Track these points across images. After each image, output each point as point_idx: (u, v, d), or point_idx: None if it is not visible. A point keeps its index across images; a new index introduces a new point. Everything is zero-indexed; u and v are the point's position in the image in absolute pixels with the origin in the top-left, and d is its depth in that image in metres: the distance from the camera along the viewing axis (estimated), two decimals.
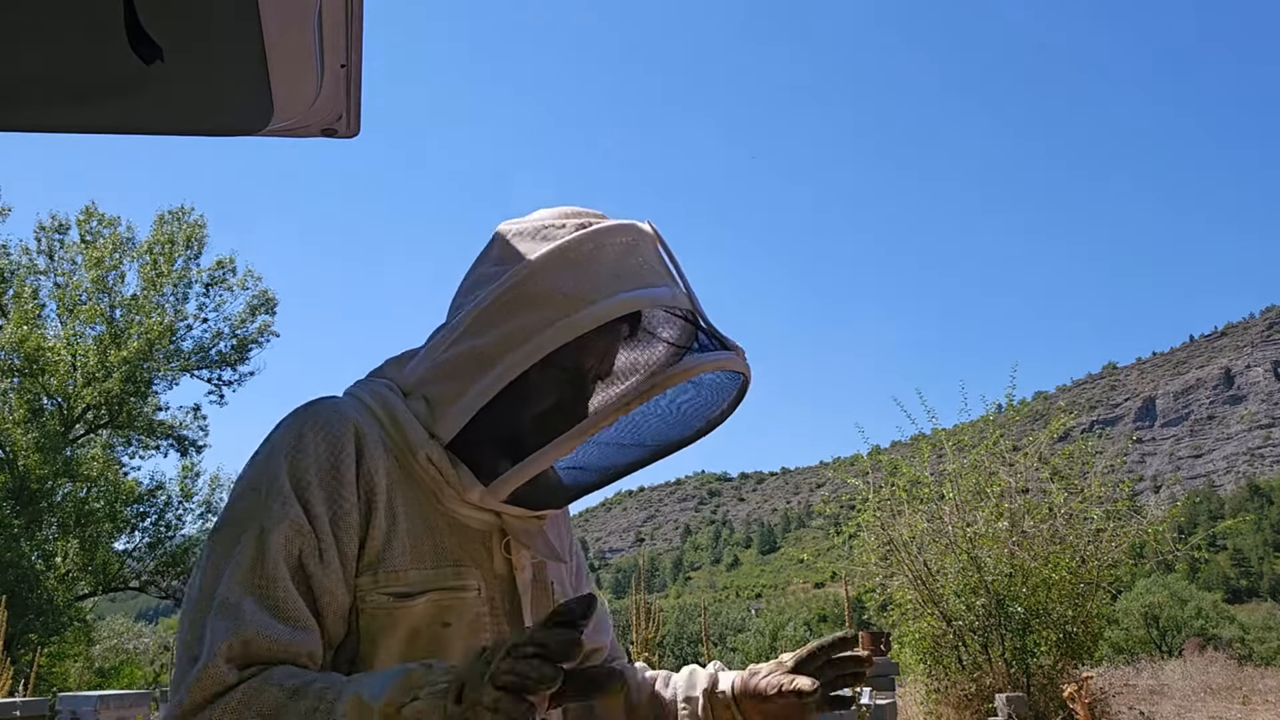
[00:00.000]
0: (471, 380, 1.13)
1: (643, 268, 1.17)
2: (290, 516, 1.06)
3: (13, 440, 21.38)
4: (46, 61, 1.15)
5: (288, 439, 1.12)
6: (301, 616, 1.03)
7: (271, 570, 1.03)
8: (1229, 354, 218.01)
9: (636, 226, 1.21)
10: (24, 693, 9.28)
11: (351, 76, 1.28)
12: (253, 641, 0.98)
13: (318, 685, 0.95)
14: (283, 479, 1.08)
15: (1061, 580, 9.42)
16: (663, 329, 1.26)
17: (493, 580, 1.19)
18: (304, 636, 1.02)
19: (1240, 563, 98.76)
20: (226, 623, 0.99)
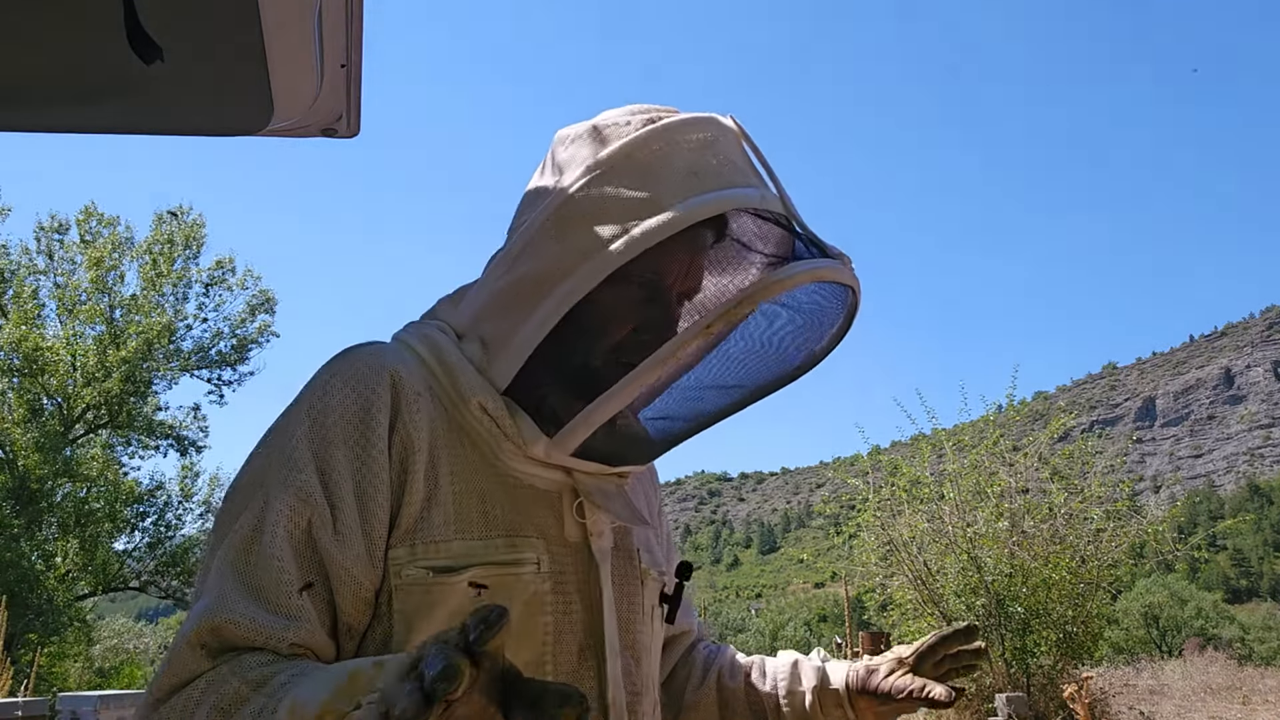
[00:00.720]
0: (528, 312, 0.97)
1: (724, 166, 0.99)
2: (298, 484, 0.92)
3: (13, 440, 21.39)
4: (46, 61, 1.15)
5: (314, 391, 0.98)
6: (291, 601, 0.89)
7: (267, 547, 0.90)
8: (1229, 354, 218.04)
9: (715, 120, 1.04)
10: (24, 693, 9.28)
11: (351, 76, 1.28)
12: (225, 627, 0.86)
13: (279, 679, 0.81)
14: (299, 438, 0.95)
15: (1061, 580, 9.42)
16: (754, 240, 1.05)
17: (562, 550, 1.01)
18: (294, 624, 0.88)
19: (1240, 563, 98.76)
20: (206, 603, 0.88)
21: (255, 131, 1.33)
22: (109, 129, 1.36)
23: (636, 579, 1.08)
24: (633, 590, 1.07)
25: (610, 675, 1.00)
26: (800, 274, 0.93)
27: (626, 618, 1.06)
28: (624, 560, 1.07)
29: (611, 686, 1.00)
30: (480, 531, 0.97)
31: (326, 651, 0.92)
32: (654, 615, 1.12)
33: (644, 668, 1.08)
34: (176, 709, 0.84)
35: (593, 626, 1.01)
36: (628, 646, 1.05)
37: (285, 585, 0.89)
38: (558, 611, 0.99)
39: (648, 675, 1.08)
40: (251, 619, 0.87)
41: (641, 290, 0.99)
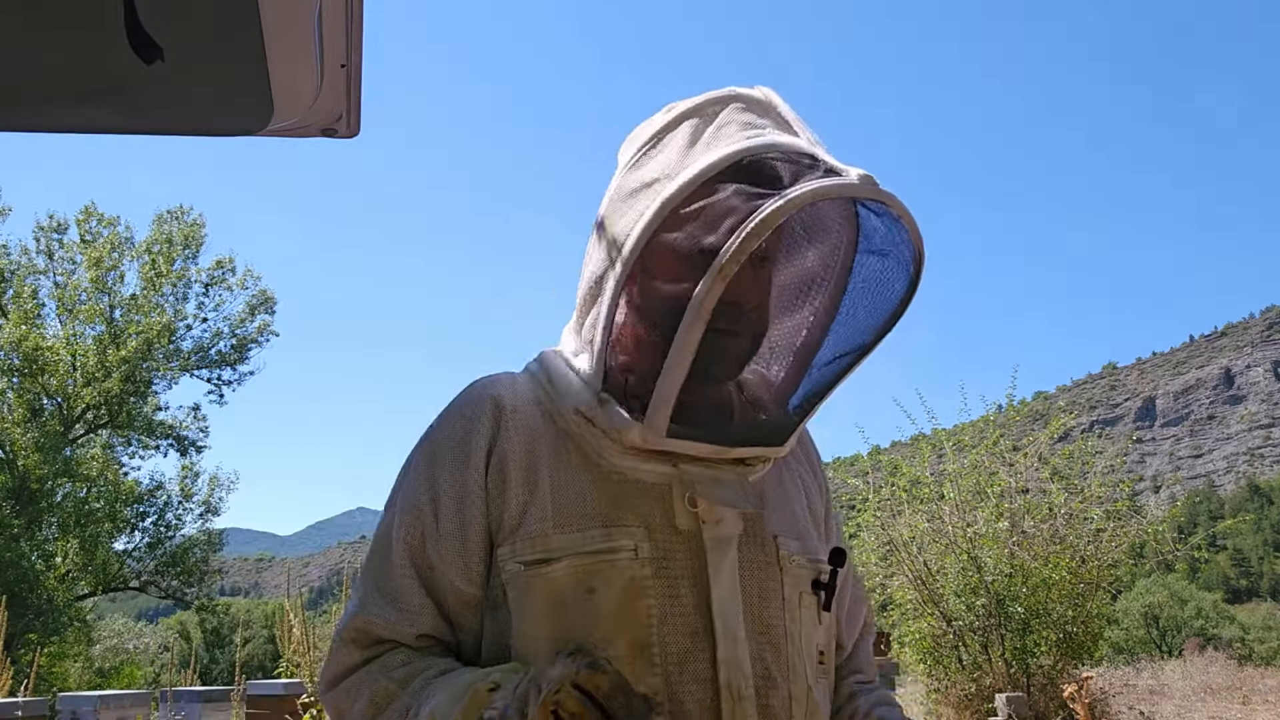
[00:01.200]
0: (593, 308, 1.05)
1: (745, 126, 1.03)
2: (413, 504, 1.09)
3: (13, 440, 21.37)
4: (46, 61, 1.15)
5: (432, 423, 1.14)
6: (413, 600, 1.06)
7: (393, 557, 1.08)
8: (1229, 354, 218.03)
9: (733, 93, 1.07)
10: (24, 693, 9.27)
11: (351, 76, 1.27)
12: (368, 625, 1.07)
13: (417, 682, 1.01)
14: (417, 465, 1.12)
15: (1061, 580, 9.41)
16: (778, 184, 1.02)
17: (670, 538, 1.04)
18: (415, 619, 1.06)
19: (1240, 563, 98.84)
20: (353, 605, 1.09)
21: (255, 131, 1.33)
22: (109, 129, 1.36)
23: (772, 565, 1.09)
24: (766, 576, 1.08)
25: (723, 659, 1.02)
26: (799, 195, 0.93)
27: (757, 603, 1.06)
28: (755, 547, 1.08)
29: (724, 669, 1.02)
30: (578, 524, 1.04)
31: (448, 638, 1.08)
32: (801, 602, 1.11)
33: (785, 654, 1.07)
34: (341, 696, 1.06)
35: (704, 610, 1.03)
36: (760, 632, 1.06)
37: (407, 589, 1.07)
38: (662, 596, 1.02)
39: (791, 662, 1.07)
40: (385, 618, 1.06)
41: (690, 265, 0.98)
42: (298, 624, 6.98)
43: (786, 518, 1.14)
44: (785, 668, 1.07)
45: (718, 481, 1.06)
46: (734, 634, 1.03)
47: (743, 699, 1.02)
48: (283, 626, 7.11)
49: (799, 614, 1.10)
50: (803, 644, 1.10)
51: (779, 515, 1.13)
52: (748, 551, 1.08)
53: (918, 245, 1.01)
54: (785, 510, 1.15)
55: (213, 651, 32.06)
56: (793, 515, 1.15)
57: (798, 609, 1.10)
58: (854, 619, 1.29)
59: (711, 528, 1.05)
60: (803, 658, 1.09)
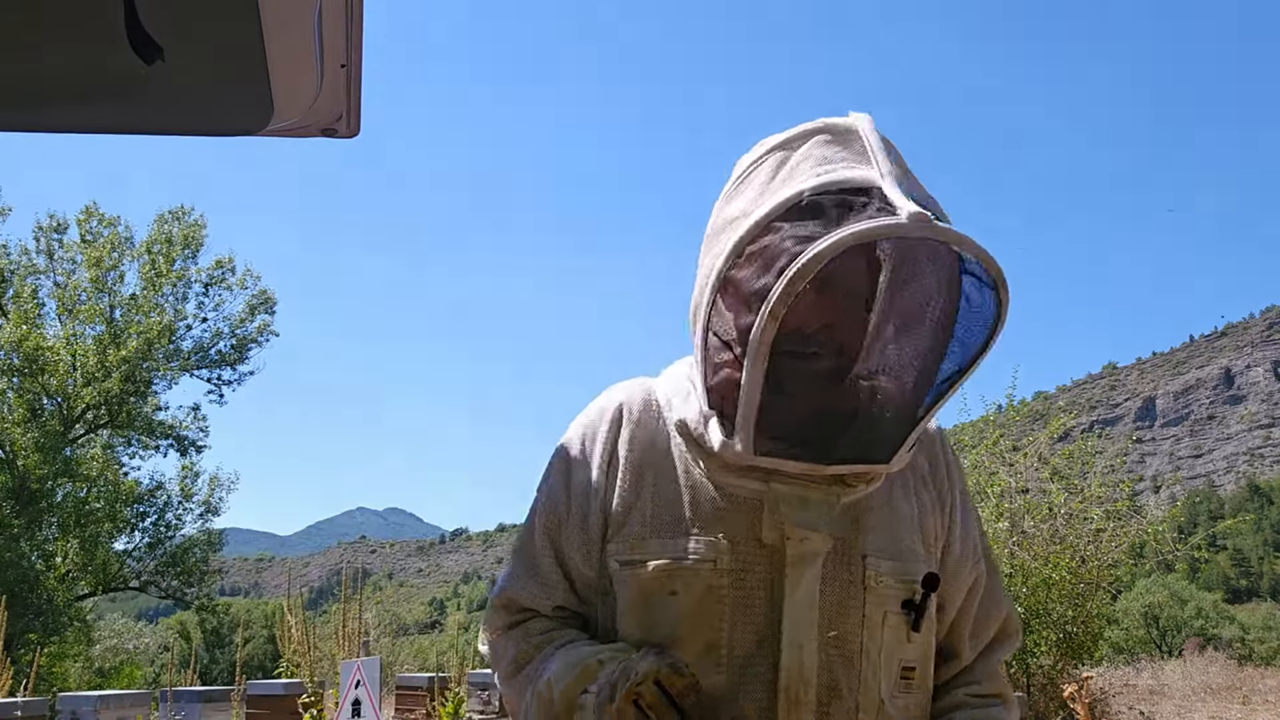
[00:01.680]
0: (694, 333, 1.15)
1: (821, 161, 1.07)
2: (549, 490, 1.25)
3: (13, 440, 21.37)
4: (46, 61, 1.15)
5: (577, 416, 1.29)
6: (551, 577, 1.22)
7: (534, 536, 1.25)
8: (1229, 354, 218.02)
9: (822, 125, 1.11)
10: (24, 693, 9.27)
11: (351, 76, 1.27)
12: (513, 596, 1.25)
13: (548, 649, 1.19)
14: (554, 460, 1.27)
15: (1061, 580, 9.41)
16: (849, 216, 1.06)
17: (753, 551, 1.13)
18: (551, 593, 1.22)
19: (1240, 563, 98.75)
20: (504, 578, 1.27)
21: (255, 131, 1.33)
22: (109, 129, 1.36)
23: (857, 584, 1.14)
24: (848, 594, 1.14)
25: (785, 665, 1.10)
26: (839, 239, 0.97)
27: (835, 618, 1.13)
28: (841, 565, 1.15)
29: (784, 675, 1.10)
30: (670, 532, 1.15)
31: (580, 610, 1.24)
32: (885, 621, 1.16)
33: (858, 668, 1.14)
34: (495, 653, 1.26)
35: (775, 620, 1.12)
36: (835, 646, 1.13)
37: (546, 567, 1.23)
38: (735, 604, 1.12)
39: (864, 676, 1.14)
40: (528, 590, 1.23)
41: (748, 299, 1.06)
42: (296, 625, 6.98)
43: (885, 538, 1.18)
44: (856, 681, 1.13)
45: (804, 501, 1.13)
46: (799, 643, 1.11)
47: (800, 704, 1.10)
48: (283, 627, 7.11)
49: (880, 632, 1.15)
50: (881, 660, 1.15)
51: (877, 534, 1.17)
52: (833, 569, 1.14)
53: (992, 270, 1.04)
54: (887, 530, 1.19)
55: (213, 651, 32.05)
56: (894, 535, 1.19)
57: (880, 627, 1.15)
58: (981, 630, 1.29)
59: (795, 544, 1.13)
60: (879, 674, 1.15)
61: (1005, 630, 1.31)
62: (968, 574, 1.27)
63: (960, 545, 1.27)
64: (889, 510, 1.20)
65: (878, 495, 1.20)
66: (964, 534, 1.27)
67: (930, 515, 1.24)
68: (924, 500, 1.24)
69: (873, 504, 1.19)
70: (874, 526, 1.18)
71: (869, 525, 1.18)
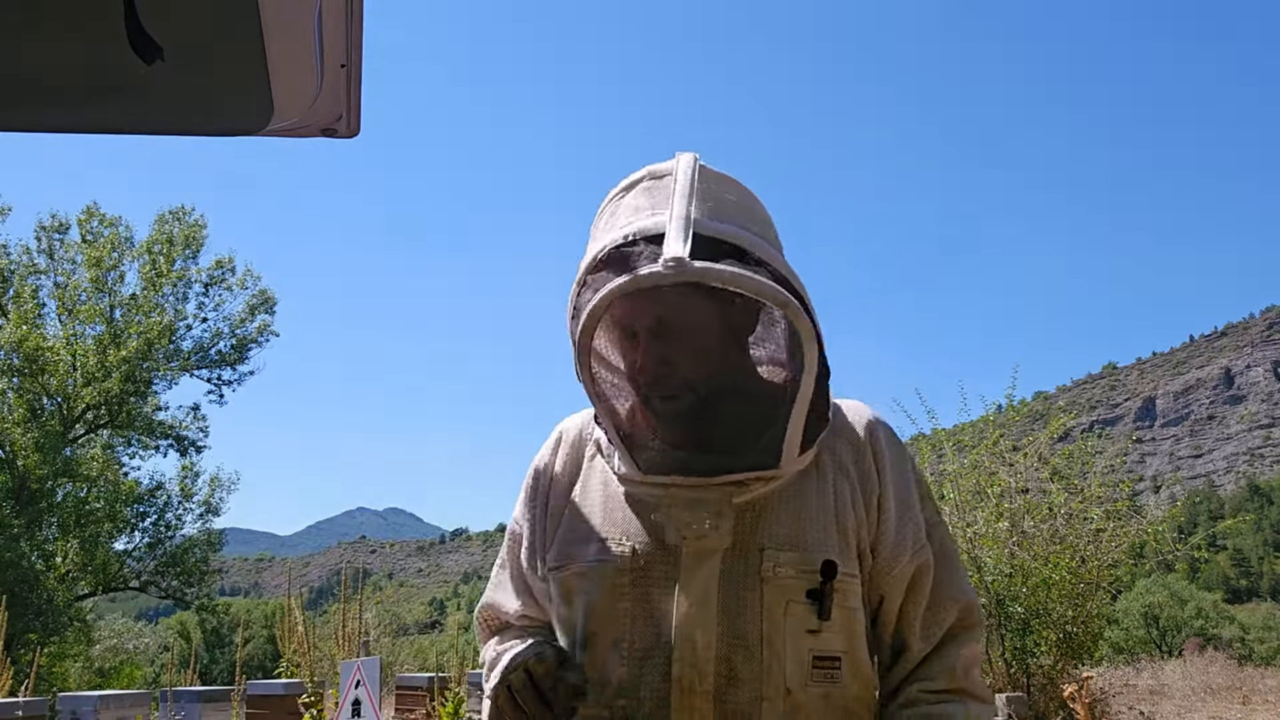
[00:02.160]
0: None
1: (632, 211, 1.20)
2: (513, 515, 1.41)
3: (13, 440, 21.36)
4: (46, 61, 1.15)
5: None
6: (514, 588, 1.41)
7: (504, 555, 1.44)
8: (1229, 354, 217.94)
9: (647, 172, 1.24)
10: (24, 693, 9.27)
11: (351, 76, 1.27)
12: (488, 607, 1.45)
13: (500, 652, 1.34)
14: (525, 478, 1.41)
15: (1061, 580, 9.40)
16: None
17: (655, 551, 1.22)
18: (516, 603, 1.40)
19: (1240, 563, 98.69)
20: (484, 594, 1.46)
21: (255, 131, 1.33)
22: (109, 129, 1.36)
23: (752, 575, 1.20)
24: (745, 586, 1.20)
25: (677, 656, 1.18)
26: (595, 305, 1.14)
27: (733, 610, 1.19)
28: (737, 559, 1.21)
29: (677, 666, 1.17)
30: (586, 540, 1.27)
31: (541, 616, 1.38)
32: (787, 611, 1.20)
33: (760, 660, 1.18)
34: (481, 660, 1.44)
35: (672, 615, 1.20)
36: (735, 637, 1.18)
37: (510, 579, 1.42)
38: (636, 601, 1.21)
39: (767, 666, 1.18)
40: (497, 601, 1.43)
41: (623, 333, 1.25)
42: (301, 622, 6.98)
43: (788, 530, 1.22)
44: (758, 670, 1.17)
45: (695, 502, 1.22)
46: (692, 635, 1.18)
47: (693, 693, 1.16)
48: (283, 626, 7.11)
49: (782, 622, 1.19)
50: (786, 650, 1.18)
51: (779, 528, 1.22)
52: (731, 564, 1.20)
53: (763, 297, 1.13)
54: (791, 523, 1.22)
55: (213, 651, 32.04)
56: (799, 528, 1.22)
57: (781, 617, 1.19)
58: (934, 622, 1.28)
59: (692, 543, 1.21)
60: (783, 663, 1.18)
61: (963, 622, 1.29)
62: (906, 564, 1.26)
63: (895, 534, 1.27)
64: (796, 504, 1.23)
65: (784, 490, 1.24)
66: (899, 523, 1.27)
67: (850, 506, 1.26)
68: (843, 492, 1.26)
69: (776, 499, 1.23)
70: (776, 520, 1.22)
71: (770, 520, 1.22)
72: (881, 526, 1.27)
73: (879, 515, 1.27)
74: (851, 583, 1.23)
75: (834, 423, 1.29)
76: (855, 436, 1.30)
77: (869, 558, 1.26)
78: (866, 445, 1.30)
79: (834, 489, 1.26)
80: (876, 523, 1.27)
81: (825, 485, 1.26)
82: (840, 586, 1.21)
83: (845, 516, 1.25)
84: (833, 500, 1.25)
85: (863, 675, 1.23)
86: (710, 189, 1.19)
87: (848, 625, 1.22)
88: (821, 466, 1.27)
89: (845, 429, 1.30)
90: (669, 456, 1.22)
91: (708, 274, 1.11)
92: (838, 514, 1.25)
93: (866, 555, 1.26)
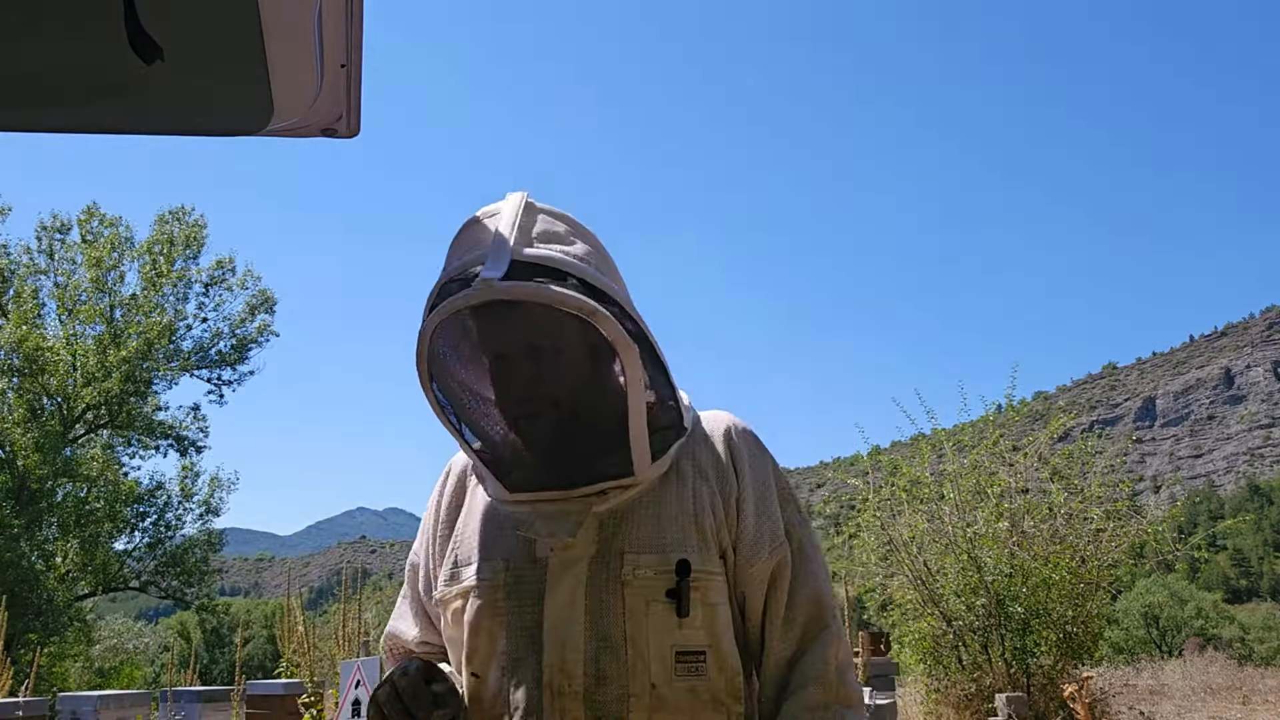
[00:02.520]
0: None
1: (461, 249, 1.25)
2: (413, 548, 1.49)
3: (13, 440, 21.35)
4: (46, 61, 1.15)
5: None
6: (413, 616, 1.49)
7: (405, 585, 1.52)
8: (1229, 354, 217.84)
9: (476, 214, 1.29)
10: (24, 693, 9.27)
11: (351, 76, 1.27)
12: (390, 636, 1.52)
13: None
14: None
15: (1061, 580, 9.40)
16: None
17: (526, 564, 1.29)
18: (415, 630, 1.48)
19: (1240, 563, 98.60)
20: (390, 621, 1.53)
21: (255, 131, 1.33)
22: (109, 129, 1.36)
23: (615, 579, 1.26)
24: (609, 590, 1.26)
25: (546, 662, 1.24)
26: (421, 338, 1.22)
27: (599, 614, 1.25)
28: (601, 566, 1.27)
29: (546, 670, 1.24)
30: (466, 561, 1.35)
31: (438, 643, 1.45)
32: (649, 610, 1.26)
33: (625, 659, 1.24)
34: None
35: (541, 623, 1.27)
36: (601, 639, 1.24)
37: (409, 608, 1.50)
38: (510, 614, 1.27)
39: (631, 665, 1.24)
40: (399, 631, 1.51)
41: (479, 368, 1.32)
42: (301, 622, 6.98)
43: (648, 534, 1.28)
44: (624, 669, 1.23)
45: (560, 514, 1.28)
46: (561, 640, 1.24)
47: (562, 695, 1.22)
48: (283, 626, 7.11)
49: (645, 621, 1.25)
50: (650, 648, 1.24)
51: (640, 532, 1.28)
52: (596, 569, 1.27)
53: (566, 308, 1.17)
54: (651, 527, 1.29)
55: (212, 651, 32.03)
56: (659, 531, 1.29)
57: (644, 617, 1.25)
58: (794, 618, 1.32)
59: (559, 554, 1.27)
60: (647, 661, 1.24)
61: (819, 618, 1.32)
62: (764, 562, 1.32)
63: (754, 532, 1.32)
64: (656, 509, 1.30)
65: (645, 497, 1.31)
66: (758, 521, 1.33)
67: (710, 508, 1.31)
68: (701, 495, 1.32)
69: (638, 506, 1.30)
70: (637, 526, 1.29)
71: (631, 526, 1.29)
72: (740, 526, 1.33)
73: (738, 516, 1.33)
74: (713, 579, 1.28)
75: (695, 431, 1.37)
76: (715, 442, 1.38)
77: (732, 556, 1.32)
78: (725, 450, 1.37)
79: (693, 493, 1.32)
80: (736, 523, 1.33)
81: (685, 489, 1.32)
82: (700, 584, 1.26)
83: (704, 518, 1.31)
84: (691, 503, 1.31)
85: (729, 668, 1.28)
86: (535, 222, 1.26)
87: (710, 621, 1.27)
88: (682, 472, 1.33)
89: (706, 436, 1.38)
90: (535, 474, 1.29)
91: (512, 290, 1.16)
92: (697, 516, 1.30)
93: (729, 554, 1.31)
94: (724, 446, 1.37)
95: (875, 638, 8.84)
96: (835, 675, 1.30)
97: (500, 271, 1.17)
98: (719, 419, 1.41)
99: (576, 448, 1.28)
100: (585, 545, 1.27)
